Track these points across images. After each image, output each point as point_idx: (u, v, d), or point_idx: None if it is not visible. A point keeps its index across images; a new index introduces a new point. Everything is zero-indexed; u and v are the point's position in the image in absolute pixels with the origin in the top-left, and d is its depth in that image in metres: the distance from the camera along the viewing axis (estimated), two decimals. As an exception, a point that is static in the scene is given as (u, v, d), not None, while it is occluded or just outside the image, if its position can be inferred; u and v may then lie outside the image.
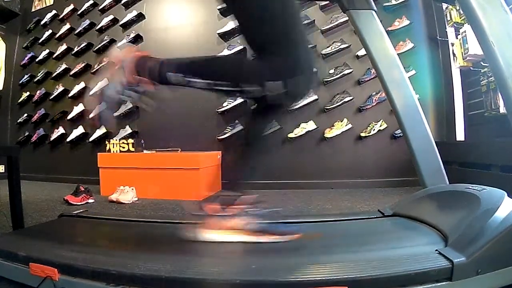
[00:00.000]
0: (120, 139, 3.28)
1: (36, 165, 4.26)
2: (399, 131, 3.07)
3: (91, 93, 1.10)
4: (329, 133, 3.26)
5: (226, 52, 3.45)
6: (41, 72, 4.41)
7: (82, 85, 4.09)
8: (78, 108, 4.05)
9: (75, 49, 4.19)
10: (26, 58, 4.57)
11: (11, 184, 1.48)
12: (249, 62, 1.07)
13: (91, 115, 1.09)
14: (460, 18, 3.05)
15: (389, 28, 3.18)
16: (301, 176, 3.30)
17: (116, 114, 3.77)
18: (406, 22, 3.25)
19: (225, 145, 3.44)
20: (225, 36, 3.54)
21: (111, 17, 4.01)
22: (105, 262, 0.93)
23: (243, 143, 1.24)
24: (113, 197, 2.69)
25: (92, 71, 4.05)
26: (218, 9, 3.50)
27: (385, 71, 1.55)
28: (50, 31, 4.44)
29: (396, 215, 1.37)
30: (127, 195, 2.72)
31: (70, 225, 1.49)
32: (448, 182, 1.46)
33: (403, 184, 3.03)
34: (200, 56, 1.06)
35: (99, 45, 4.02)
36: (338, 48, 3.27)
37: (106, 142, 3.27)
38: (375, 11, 1.57)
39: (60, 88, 4.23)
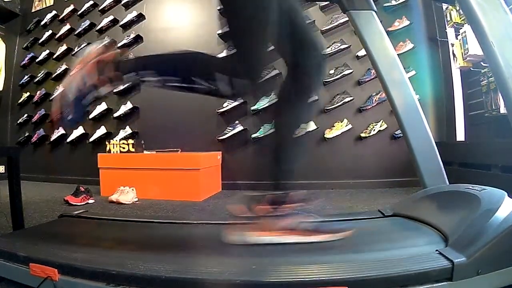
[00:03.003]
0: (120, 140, 3.29)
1: (36, 166, 4.26)
2: (399, 131, 3.07)
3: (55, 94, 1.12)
4: (329, 134, 3.26)
5: (224, 53, 3.45)
6: (41, 73, 4.41)
7: (82, 85, 4.08)
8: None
9: (75, 50, 4.19)
10: (26, 59, 4.57)
11: (11, 185, 1.48)
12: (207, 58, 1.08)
13: (53, 116, 1.11)
14: (460, 18, 3.05)
15: (389, 29, 3.18)
16: (301, 177, 3.30)
17: (91, 115, 3.78)
18: (406, 22, 3.25)
19: (225, 145, 3.45)
20: (225, 37, 3.54)
21: (111, 17, 4.01)
22: (105, 262, 0.93)
23: (277, 137, 1.23)
24: (113, 197, 2.69)
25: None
26: (218, 10, 3.50)
27: (385, 71, 1.55)
28: (50, 31, 4.44)
29: (396, 215, 1.37)
30: (127, 195, 2.72)
31: (70, 226, 1.48)
32: (448, 183, 1.46)
33: (403, 184, 3.03)
34: (156, 54, 1.10)
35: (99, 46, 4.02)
36: (338, 48, 3.28)
37: (106, 143, 3.27)
38: (375, 12, 1.57)
39: (60, 89, 4.22)
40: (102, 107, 3.92)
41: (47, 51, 4.41)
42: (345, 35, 3.31)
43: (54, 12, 4.46)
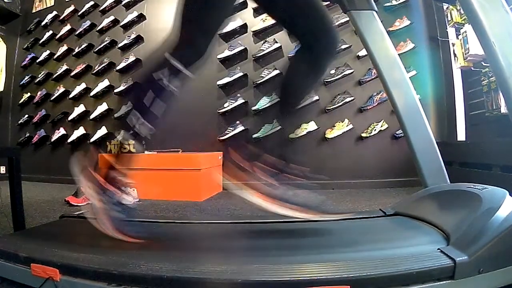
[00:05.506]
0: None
1: (37, 166, 4.27)
2: (400, 131, 3.07)
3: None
4: (330, 134, 3.27)
5: (226, 52, 3.46)
6: (41, 73, 4.42)
7: (83, 86, 4.10)
8: (79, 109, 4.06)
9: (76, 50, 4.20)
10: (27, 59, 4.58)
11: (12, 185, 1.48)
12: None
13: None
14: (461, 18, 3.05)
15: (390, 29, 3.19)
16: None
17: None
18: (406, 22, 3.25)
19: (226, 145, 3.45)
20: (226, 37, 3.55)
21: (111, 18, 4.02)
22: (106, 262, 0.93)
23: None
24: (114, 198, 2.68)
25: (93, 72, 4.06)
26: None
27: (386, 71, 1.54)
28: (50, 32, 4.45)
29: (398, 215, 1.37)
30: (128, 196, 2.72)
31: (71, 226, 1.48)
32: (449, 182, 1.46)
33: (404, 184, 3.03)
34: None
35: (100, 46, 4.03)
36: (339, 48, 3.27)
37: (107, 143, 3.27)
38: (376, 12, 1.57)
39: (61, 89, 4.24)
40: (103, 107, 3.92)
41: (48, 52, 4.42)
42: (346, 35, 3.32)
43: (54, 12, 4.47)
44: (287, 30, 1.30)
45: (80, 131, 4.05)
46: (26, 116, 4.49)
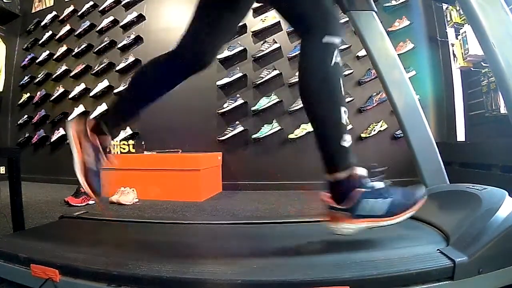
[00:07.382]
0: (120, 140, 3.29)
1: (36, 166, 4.26)
2: (399, 131, 3.07)
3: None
4: (330, 134, 3.26)
5: (226, 53, 3.45)
6: (41, 73, 4.42)
7: (82, 86, 4.09)
8: (78, 110, 4.06)
9: (75, 50, 4.20)
10: (27, 60, 4.58)
11: (11, 186, 1.48)
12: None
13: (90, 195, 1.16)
14: (460, 18, 3.05)
15: (390, 29, 3.19)
16: (302, 177, 3.30)
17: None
18: (406, 22, 3.26)
19: (226, 146, 3.45)
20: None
21: (111, 18, 4.02)
22: (106, 263, 0.93)
23: None
24: (114, 198, 2.69)
25: (92, 72, 4.06)
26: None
27: (385, 71, 1.54)
28: (50, 32, 4.45)
29: (397, 215, 1.37)
30: (127, 196, 2.72)
31: (71, 227, 1.49)
32: (448, 183, 1.46)
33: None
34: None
35: (99, 46, 4.03)
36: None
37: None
38: (375, 12, 1.57)
39: (61, 89, 4.24)
40: (102, 107, 3.92)
41: (47, 52, 4.41)
42: (345, 35, 3.31)
43: (54, 12, 4.46)
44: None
45: (80, 131, 4.04)
46: (26, 116, 4.48)
